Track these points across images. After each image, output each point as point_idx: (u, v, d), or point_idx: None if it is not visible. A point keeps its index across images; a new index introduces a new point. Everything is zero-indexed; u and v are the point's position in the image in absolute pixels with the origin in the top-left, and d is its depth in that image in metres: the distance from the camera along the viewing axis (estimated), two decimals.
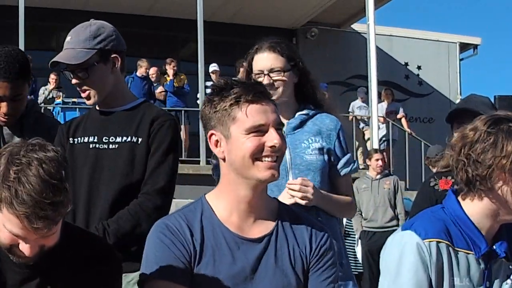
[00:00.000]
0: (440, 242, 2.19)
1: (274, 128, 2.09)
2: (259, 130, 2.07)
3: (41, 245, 1.87)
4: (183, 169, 12.56)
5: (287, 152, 3.02)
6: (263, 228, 2.16)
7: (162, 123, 2.91)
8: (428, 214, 2.32)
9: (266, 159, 2.08)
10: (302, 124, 3.10)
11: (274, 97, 3.06)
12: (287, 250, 2.15)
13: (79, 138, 2.96)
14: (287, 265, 2.13)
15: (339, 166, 3.07)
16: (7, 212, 1.76)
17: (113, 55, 2.94)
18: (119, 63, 2.96)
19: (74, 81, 2.93)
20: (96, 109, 3.05)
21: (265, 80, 3.03)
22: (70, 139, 2.98)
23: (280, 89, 3.06)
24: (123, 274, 2.74)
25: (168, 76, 13.24)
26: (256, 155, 2.06)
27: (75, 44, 2.89)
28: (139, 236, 2.66)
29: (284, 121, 3.06)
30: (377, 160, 9.40)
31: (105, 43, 2.91)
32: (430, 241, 2.18)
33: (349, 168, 3.09)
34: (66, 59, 2.89)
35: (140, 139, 2.88)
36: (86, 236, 2.17)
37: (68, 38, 2.92)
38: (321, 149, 3.03)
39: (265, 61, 3.07)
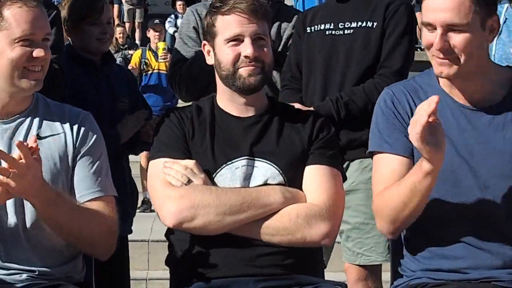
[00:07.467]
0: None
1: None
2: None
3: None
4: None
5: None
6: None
7: (397, 7, 2.99)
8: None
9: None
10: None
11: None
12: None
13: (315, 26, 3.05)
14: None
15: None
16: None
17: None
18: None
19: None
20: None
21: None
22: (307, 28, 3.07)
23: None
24: None
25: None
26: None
27: None
28: (367, 113, 2.66)
29: None
30: None
31: None
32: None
33: None
34: None
35: (375, 23, 2.97)
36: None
37: None
38: None
39: None
